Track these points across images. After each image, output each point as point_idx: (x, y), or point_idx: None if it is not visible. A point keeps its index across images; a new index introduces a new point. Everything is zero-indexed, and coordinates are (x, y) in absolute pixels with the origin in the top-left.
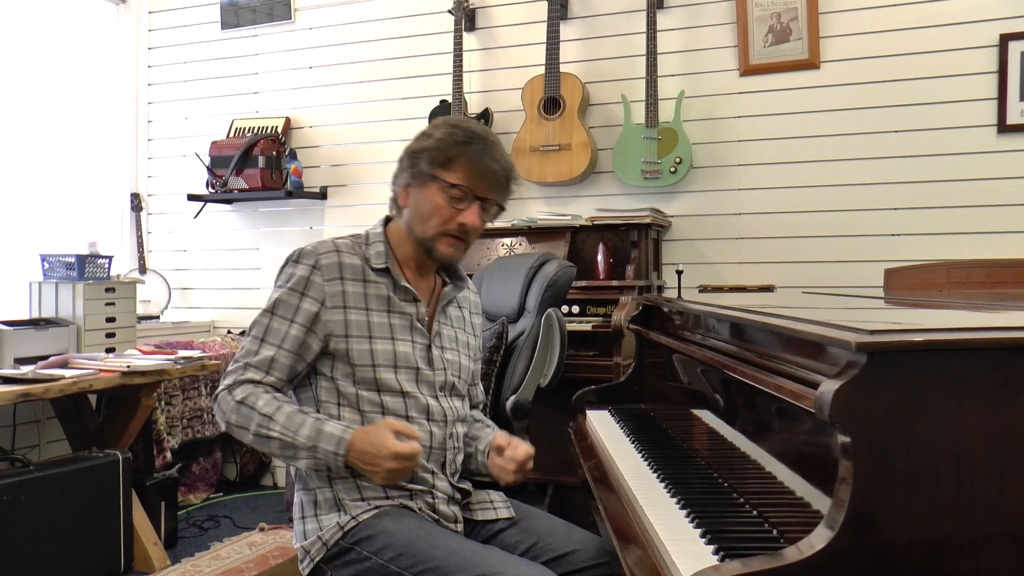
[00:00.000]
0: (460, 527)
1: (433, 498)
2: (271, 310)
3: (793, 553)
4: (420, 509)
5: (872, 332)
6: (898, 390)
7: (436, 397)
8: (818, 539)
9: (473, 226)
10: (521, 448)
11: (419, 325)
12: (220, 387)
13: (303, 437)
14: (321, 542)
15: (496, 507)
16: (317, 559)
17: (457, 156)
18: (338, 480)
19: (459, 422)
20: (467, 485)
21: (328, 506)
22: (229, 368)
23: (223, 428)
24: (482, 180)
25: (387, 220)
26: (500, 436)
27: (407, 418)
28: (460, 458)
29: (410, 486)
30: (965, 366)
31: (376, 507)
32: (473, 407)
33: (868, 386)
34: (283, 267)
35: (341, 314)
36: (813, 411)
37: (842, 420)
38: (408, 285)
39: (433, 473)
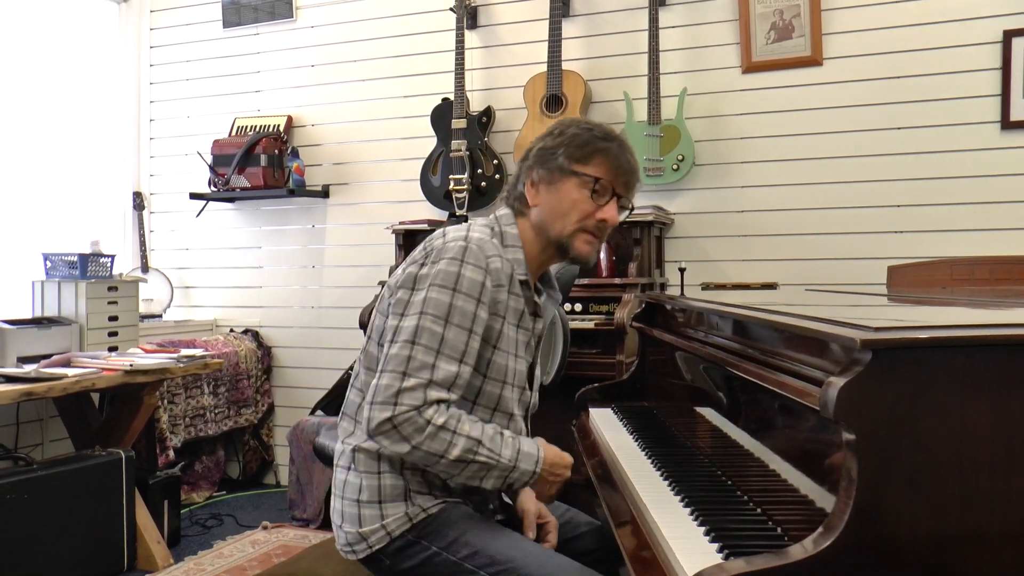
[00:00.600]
0: (500, 518)
1: (484, 502)
2: (444, 317)
3: (798, 551)
4: (473, 509)
5: (876, 329)
6: (902, 387)
7: (525, 417)
8: (821, 537)
9: (613, 222)
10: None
11: (532, 343)
12: (398, 407)
13: (506, 459)
14: (385, 531)
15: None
16: (377, 547)
17: (597, 152)
18: (408, 469)
19: None
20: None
21: (394, 494)
22: (400, 384)
23: (398, 450)
24: (622, 176)
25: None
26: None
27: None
28: None
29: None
30: (969, 363)
31: (443, 501)
32: None
33: (872, 383)
34: (437, 263)
35: (499, 323)
36: (817, 408)
37: (846, 417)
38: (539, 301)
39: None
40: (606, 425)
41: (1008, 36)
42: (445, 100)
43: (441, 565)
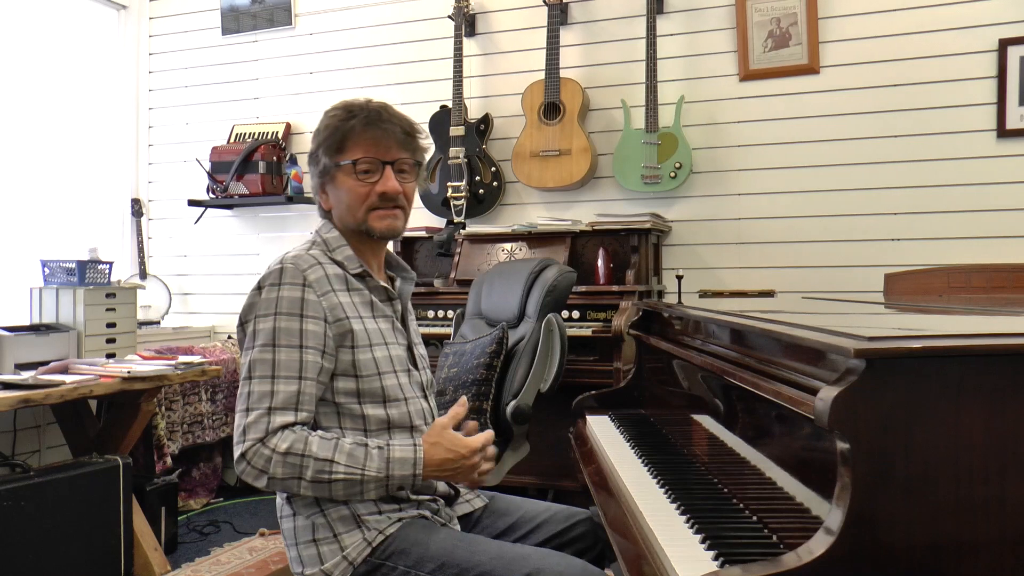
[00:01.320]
0: (457, 527)
1: (436, 504)
2: (271, 343)
3: (792, 559)
4: (431, 516)
5: (870, 339)
6: (896, 396)
7: (424, 397)
8: (817, 545)
9: (394, 191)
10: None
11: (399, 325)
12: (245, 443)
13: (373, 471)
14: (347, 562)
15: (470, 500)
16: None
17: (347, 134)
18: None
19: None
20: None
21: (346, 524)
22: (245, 420)
23: (259, 485)
24: (381, 144)
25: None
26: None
27: (411, 427)
28: None
29: (415, 497)
30: (963, 372)
31: (398, 519)
32: None
33: (867, 392)
34: (262, 289)
35: (345, 324)
36: (812, 417)
37: (841, 426)
38: (386, 285)
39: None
40: (603, 433)
41: (1004, 45)
42: (443, 107)
43: None
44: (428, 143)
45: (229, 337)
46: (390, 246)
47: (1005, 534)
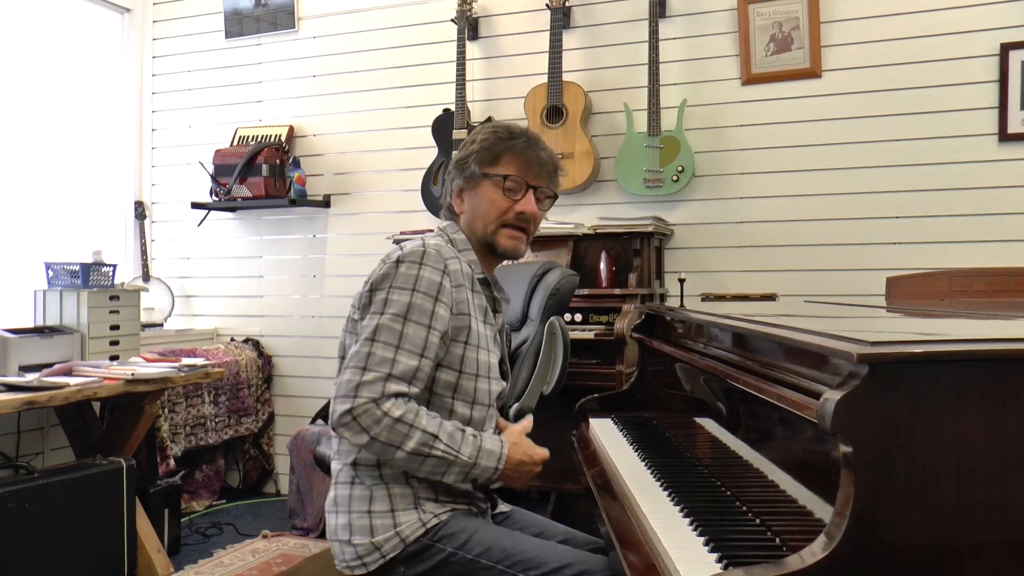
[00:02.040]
0: (489, 516)
1: (485, 504)
2: (403, 315)
3: (795, 561)
4: (477, 512)
5: (873, 343)
6: (899, 400)
7: (501, 409)
8: (820, 547)
9: (531, 213)
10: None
11: (498, 337)
12: (358, 398)
13: (466, 455)
14: (399, 538)
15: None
16: (391, 555)
17: (504, 151)
18: (414, 479)
19: None
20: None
21: (405, 503)
22: (360, 378)
23: (357, 441)
24: (531, 169)
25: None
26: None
27: (482, 431)
28: None
29: (471, 490)
30: (965, 376)
31: (451, 508)
32: None
33: (869, 396)
34: (401, 263)
35: (465, 320)
36: (815, 421)
37: (844, 430)
38: (500, 296)
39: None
40: (606, 435)
41: (1005, 49)
42: (446, 111)
43: (457, 564)
44: (564, 176)
45: (232, 339)
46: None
47: (1006, 537)
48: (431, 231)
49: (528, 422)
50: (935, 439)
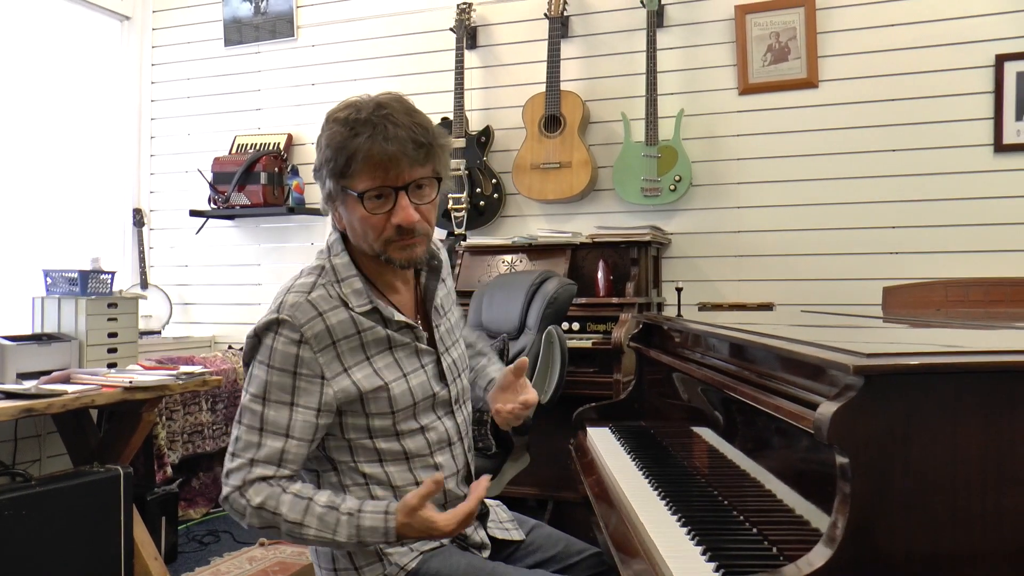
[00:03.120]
0: (488, 552)
1: (466, 536)
2: (262, 395)
3: (792, 571)
4: (455, 541)
5: (869, 355)
6: (895, 412)
7: (451, 413)
8: (817, 557)
9: (409, 221)
10: (531, 393)
11: (423, 345)
12: (227, 486)
13: (343, 537)
14: None
15: (508, 529)
16: None
17: (351, 156)
18: None
19: (471, 427)
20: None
21: (367, 557)
22: (230, 464)
23: (243, 525)
24: (391, 168)
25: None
26: (505, 375)
27: (431, 455)
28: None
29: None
30: (961, 388)
31: (420, 552)
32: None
33: (865, 408)
34: (257, 337)
35: (347, 379)
36: (812, 432)
37: (840, 441)
38: (402, 318)
39: (461, 497)
40: (603, 445)
41: (1000, 60)
42: (444, 119)
43: None
44: (446, 142)
45: (230, 347)
46: None
47: (1002, 547)
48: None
49: (433, 486)
50: (931, 450)
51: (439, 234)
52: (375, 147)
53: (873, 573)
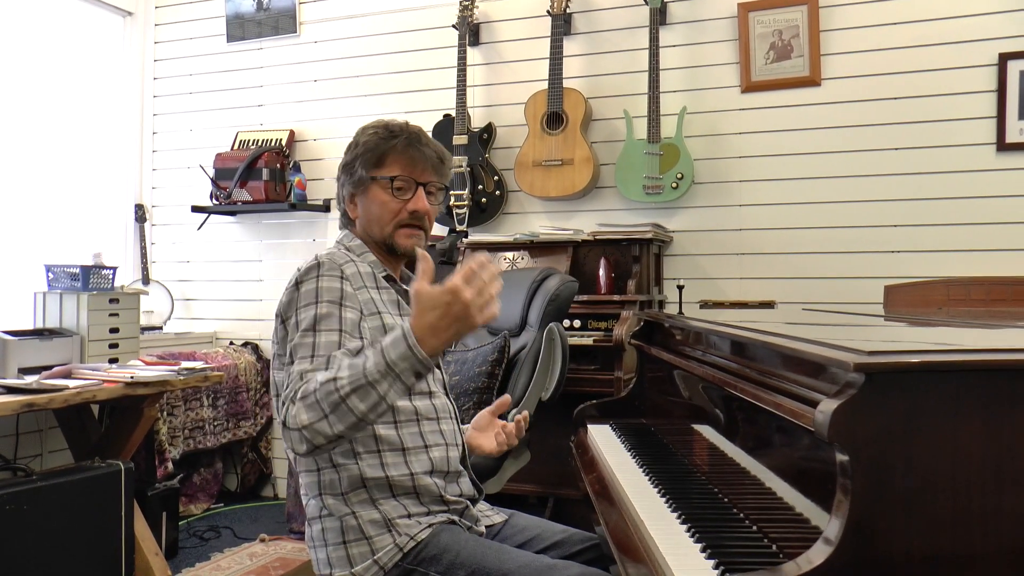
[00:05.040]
0: (483, 528)
1: (462, 504)
2: (312, 327)
3: (791, 568)
4: (459, 520)
5: (870, 353)
6: (895, 410)
7: (446, 394)
8: (816, 555)
9: (424, 210)
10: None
11: None
12: (284, 411)
13: (372, 366)
14: (378, 566)
15: (490, 515)
16: None
17: (387, 152)
18: (381, 500)
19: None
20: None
21: (377, 527)
22: (287, 391)
23: (303, 449)
24: (417, 166)
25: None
26: (482, 416)
27: (437, 420)
28: None
29: (451, 497)
30: (962, 387)
31: (428, 525)
32: None
33: (866, 406)
34: (301, 283)
35: (377, 319)
36: (812, 429)
37: (840, 439)
38: (408, 288)
39: (461, 473)
40: (604, 442)
41: (1003, 59)
42: (446, 116)
43: None
44: (453, 167)
45: (231, 343)
46: None
47: (1002, 546)
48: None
49: (426, 264)
50: (932, 448)
51: (441, 230)
52: (410, 148)
53: (873, 571)
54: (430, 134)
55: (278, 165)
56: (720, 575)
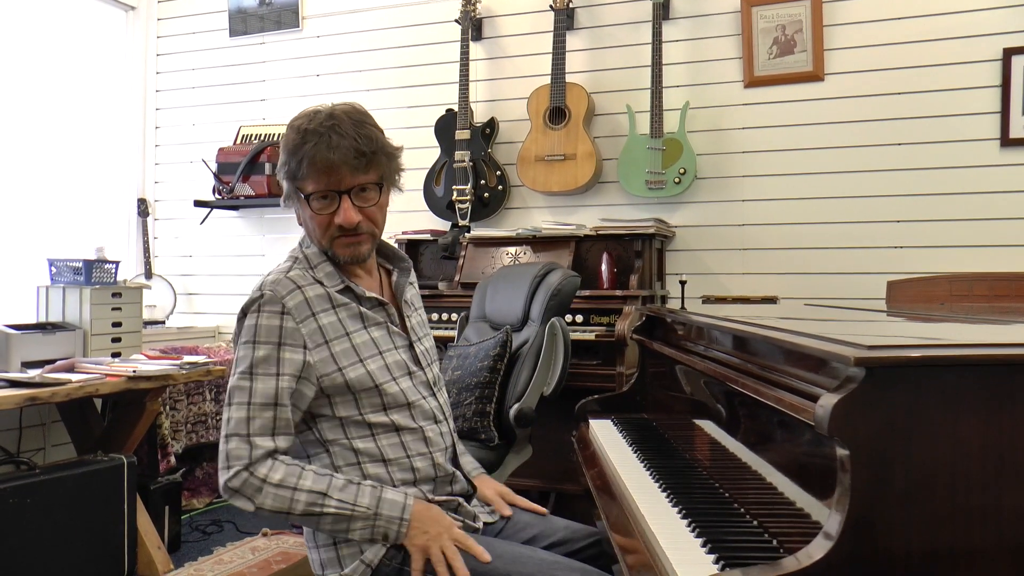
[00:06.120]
0: (480, 524)
1: (458, 504)
2: (249, 371)
3: (791, 563)
4: (453, 517)
5: (870, 347)
6: (896, 404)
7: (433, 395)
8: (816, 549)
9: (349, 223)
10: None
11: (395, 328)
12: (230, 469)
13: (363, 506)
14: (364, 564)
15: (491, 512)
16: None
17: (301, 161)
18: None
19: (450, 411)
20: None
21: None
22: (228, 446)
23: (247, 510)
24: (332, 174)
25: None
26: (489, 490)
27: (420, 429)
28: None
29: (441, 498)
30: (962, 381)
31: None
32: None
33: (866, 400)
34: (242, 320)
35: (326, 350)
36: (812, 424)
37: (840, 433)
38: (374, 294)
39: (453, 475)
40: (605, 437)
41: (1008, 54)
42: (449, 111)
43: None
44: (393, 151)
45: None
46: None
47: (1002, 541)
48: (429, 232)
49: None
50: (932, 443)
51: (444, 225)
52: (319, 154)
53: (872, 566)
54: (432, 129)
55: None
56: (720, 569)
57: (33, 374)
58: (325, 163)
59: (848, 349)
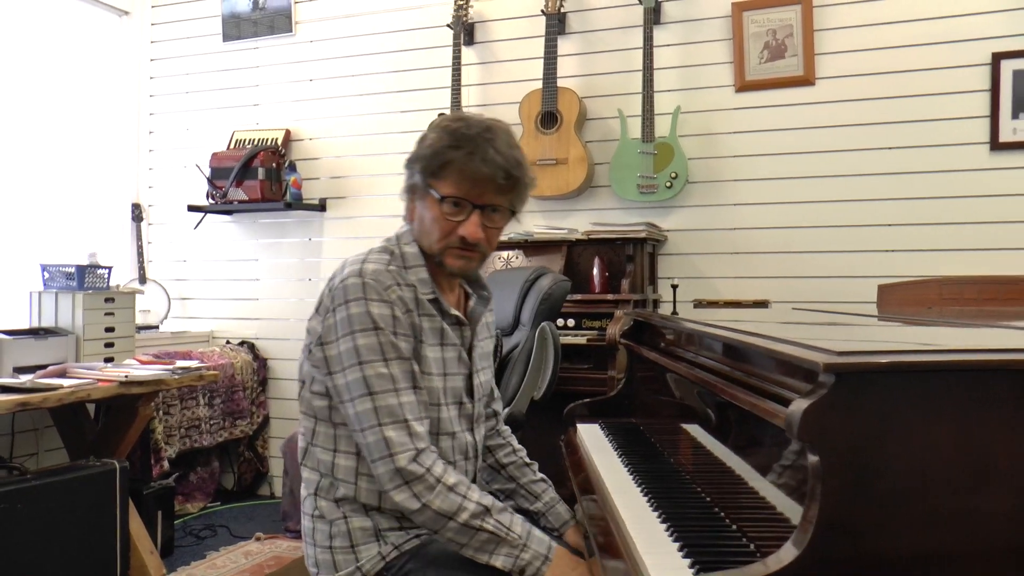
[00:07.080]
0: None
1: None
2: (381, 357)
3: (759, 568)
4: None
5: (840, 353)
6: (865, 410)
7: (471, 430)
8: (786, 554)
9: (474, 238)
10: None
11: (464, 355)
12: (404, 457)
13: (516, 533)
14: (361, 573)
15: None
16: None
17: (447, 163)
18: (374, 511)
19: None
20: None
21: (366, 536)
22: (388, 435)
23: (408, 507)
24: (476, 187)
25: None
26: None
27: (452, 463)
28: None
29: None
30: (932, 387)
31: (417, 535)
32: (493, 415)
33: (836, 406)
34: (348, 307)
35: (420, 348)
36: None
37: (811, 438)
38: (457, 313)
39: None
40: (592, 441)
41: (997, 58)
42: (441, 115)
43: None
44: (530, 182)
45: (227, 342)
46: None
47: (973, 547)
48: None
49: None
50: (902, 449)
51: None
52: (471, 164)
53: (843, 571)
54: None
55: (274, 164)
56: (695, 574)
57: (25, 379)
58: (474, 173)
59: (818, 355)
